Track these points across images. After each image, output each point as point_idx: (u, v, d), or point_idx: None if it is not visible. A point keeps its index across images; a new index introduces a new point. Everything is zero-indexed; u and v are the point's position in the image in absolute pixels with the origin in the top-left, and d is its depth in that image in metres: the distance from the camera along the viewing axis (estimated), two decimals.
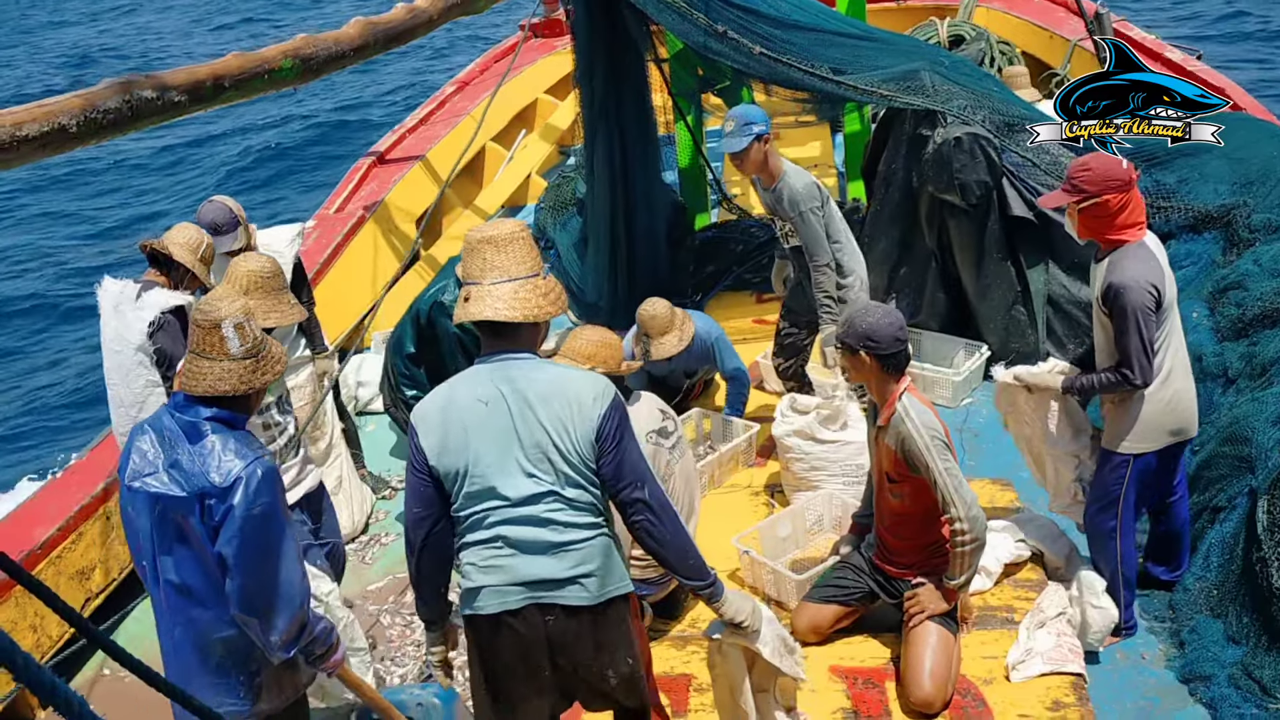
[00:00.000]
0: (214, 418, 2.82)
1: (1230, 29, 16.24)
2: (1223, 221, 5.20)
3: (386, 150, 9.14)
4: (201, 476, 2.75)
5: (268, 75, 4.24)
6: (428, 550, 2.90)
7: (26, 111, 3.09)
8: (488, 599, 2.83)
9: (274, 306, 3.87)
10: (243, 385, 2.83)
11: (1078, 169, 3.73)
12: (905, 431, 3.64)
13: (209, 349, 2.82)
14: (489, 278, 2.82)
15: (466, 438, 2.78)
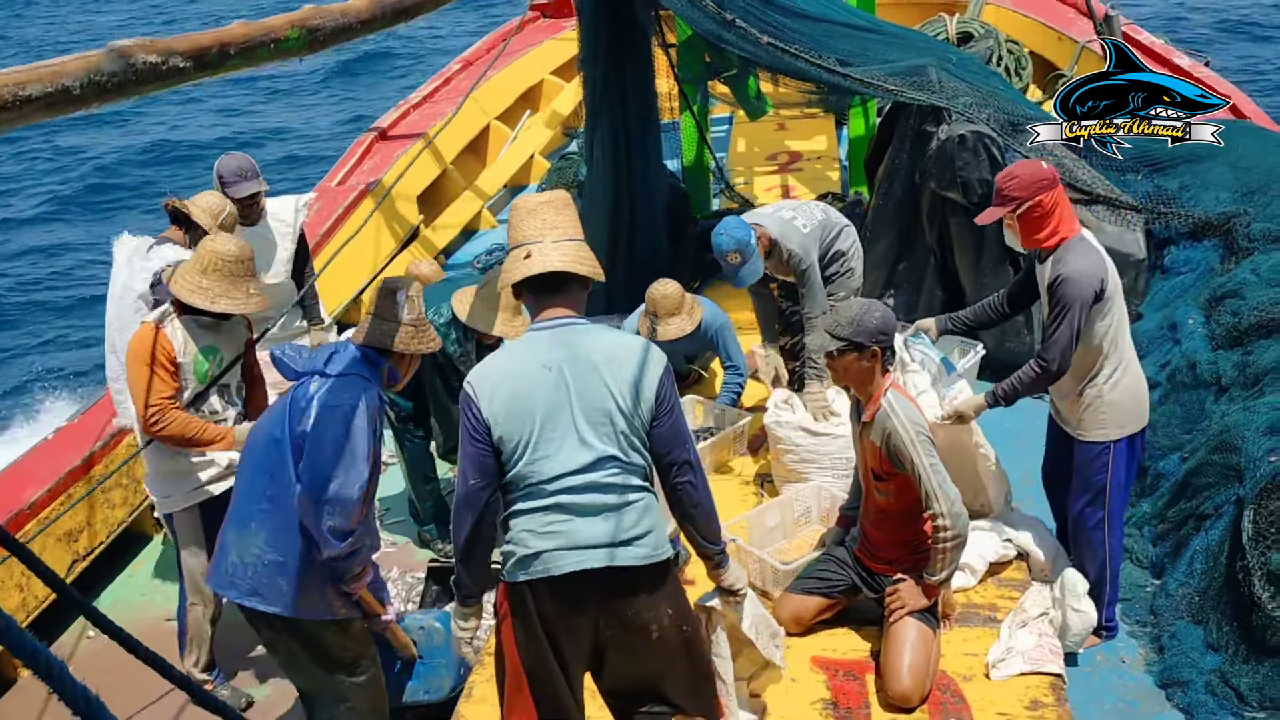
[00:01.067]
0: (361, 350, 3.30)
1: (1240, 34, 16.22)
2: (1222, 229, 5.21)
3: (389, 126, 9.12)
4: (319, 363, 3.23)
5: (274, 44, 4.18)
6: (484, 521, 2.88)
7: (30, 71, 3.07)
8: (543, 564, 2.81)
9: (227, 291, 3.78)
10: (391, 341, 3.30)
11: (1005, 180, 3.81)
12: (890, 427, 3.65)
13: (388, 314, 3.32)
14: (551, 236, 2.84)
15: (531, 404, 2.77)
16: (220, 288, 3.78)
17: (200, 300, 3.76)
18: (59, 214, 14.70)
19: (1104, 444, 3.92)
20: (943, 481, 3.60)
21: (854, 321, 3.70)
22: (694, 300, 5.40)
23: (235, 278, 3.81)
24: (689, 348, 5.61)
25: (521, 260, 2.82)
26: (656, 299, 5.28)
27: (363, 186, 7.89)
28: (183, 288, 3.77)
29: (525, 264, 2.81)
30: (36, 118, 3.23)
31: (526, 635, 2.89)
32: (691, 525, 2.99)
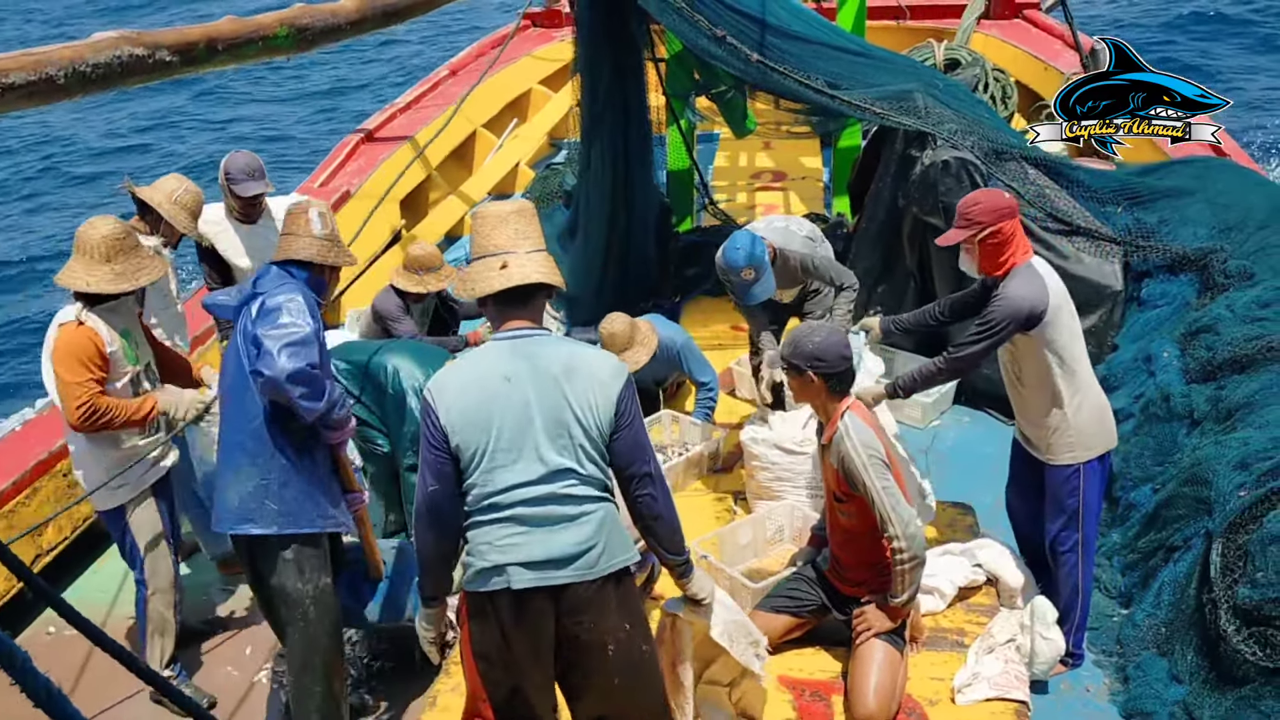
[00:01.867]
0: (282, 266, 3.50)
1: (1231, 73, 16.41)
2: (1199, 265, 5.26)
3: (376, 128, 9.10)
4: (252, 288, 3.43)
5: (262, 42, 4.20)
6: (443, 526, 2.88)
7: (13, 59, 3.05)
8: (502, 577, 2.80)
9: (139, 266, 3.86)
10: (319, 256, 3.50)
11: (968, 206, 3.86)
12: (844, 450, 3.66)
13: (298, 229, 3.50)
14: (524, 246, 2.84)
15: (489, 414, 2.77)
16: (132, 265, 3.84)
17: (127, 284, 3.80)
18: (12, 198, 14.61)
19: (1074, 466, 3.96)
20: (896, 504, 3.61)
21: (793, 343, 3.77)
22: (647, 328, 5.35)
23: (134, 249, 3.87)
24: (655, 372, 5.60)
25: (498, 270, 2.81)
26: (605, 337, 5.22)
27: (345, 189, 7.86)
28: (98, 282, 3.77)
29: (503, 274, 2.80)
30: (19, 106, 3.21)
31: (485, 647, 2.90)
32: (653, 537, 3.01)
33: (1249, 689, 3.47)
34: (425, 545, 2.93)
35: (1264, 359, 4.48)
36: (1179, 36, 16.65)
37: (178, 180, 4.75)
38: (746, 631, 3.46)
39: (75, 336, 3.76)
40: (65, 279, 3.79)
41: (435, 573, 2.99)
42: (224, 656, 4.51)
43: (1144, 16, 17.76)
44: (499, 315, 2.87)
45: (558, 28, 11.42)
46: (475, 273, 2.85)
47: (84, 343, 3.75)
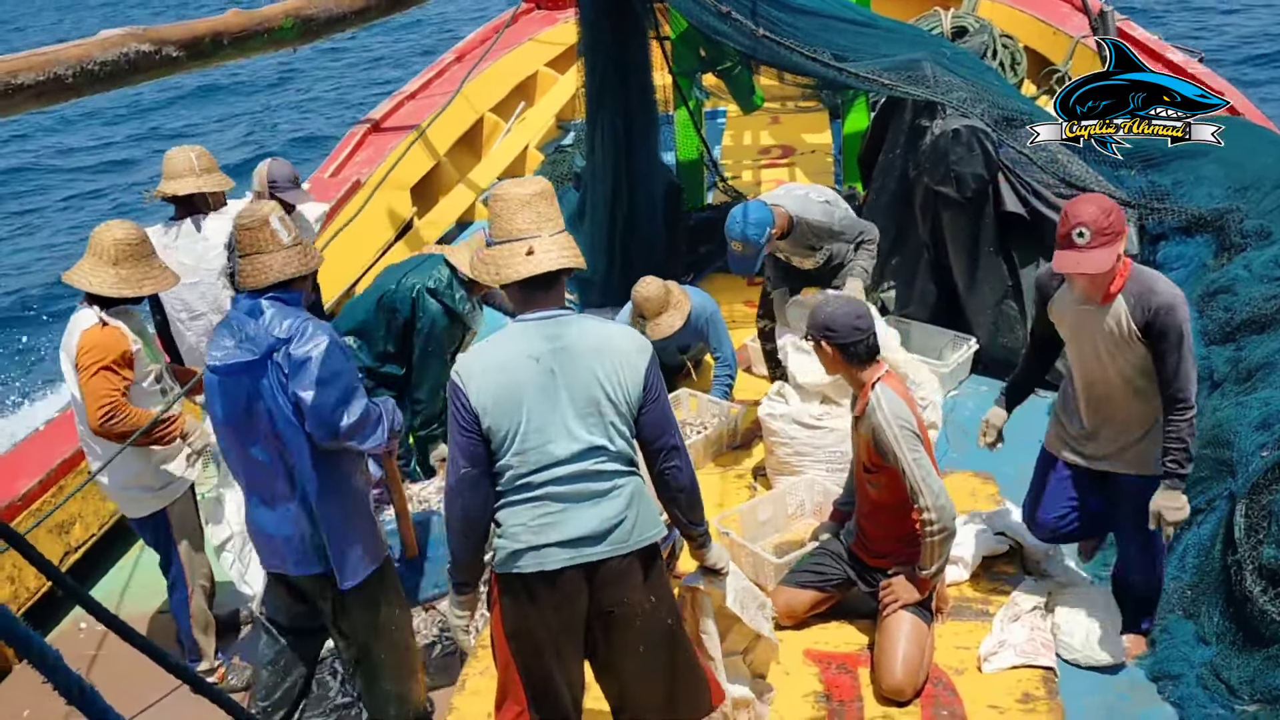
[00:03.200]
0: (273, 297, 3.17)
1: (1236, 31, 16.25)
2: (1215, 225, 5.21)
3: (383, 117, 9.09)
4: (268, 336, 3.11)
5: (267, 34, 4.21)
6: (477, 509, 2.88)
7: (23, 59, 3.06)
8: (536, 557, 2.82)
9: (147, 273, 3.84)
10: (302, 268, 3.20)
11: (1103, 215, 3.37)
12: (876, 421, 3.66)
13: (265, 245, 3.15)
14: (547, 229, 2.84)
15: (519, 395, 2.78)
16: (139, 272, 3.83)
17: (129, 289, 3.79)
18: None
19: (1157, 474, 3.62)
20: (926, 475, 3.61)
21: (810, 315, 3.81)
22: (680, 293, 5.39)
23: (146, 258, 3.87)
24: (682, 340, 5.61)
25: (523, 256, 2.80)
26: (640, 301, 5.26)
27: (355, 179, 7.86)
28: (102, 283, 3.77)
29: (529, 261, 2.80)
30: (28, 106, 3.23)
31: (519, 627, 2.91)
32: (677, 508, 3.04)
33: (1276, 648, 3.46)
34: (459, 529, 2.92)
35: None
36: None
37: (181, 154, 4.77)
38: (754, 596, 3.52)
39: (102, 338, 3.76)
40: (71, 276, 3.81)
41: (469, 557, 2.98)
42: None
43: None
44: (524, 298, 2.87)
45: (562, 9, 11.37)
46: (500, 258, 2.84)
47: (111, 344, 3.75)
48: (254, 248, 3.16)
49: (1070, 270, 3.43)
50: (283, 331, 3.13)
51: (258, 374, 3.13)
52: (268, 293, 3.18)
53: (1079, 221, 3.36)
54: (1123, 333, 3.49)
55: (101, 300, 3.80)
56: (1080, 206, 3.43)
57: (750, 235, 4.84)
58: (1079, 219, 3.37)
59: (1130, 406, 3.63)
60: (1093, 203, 3.44)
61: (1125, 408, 3.64)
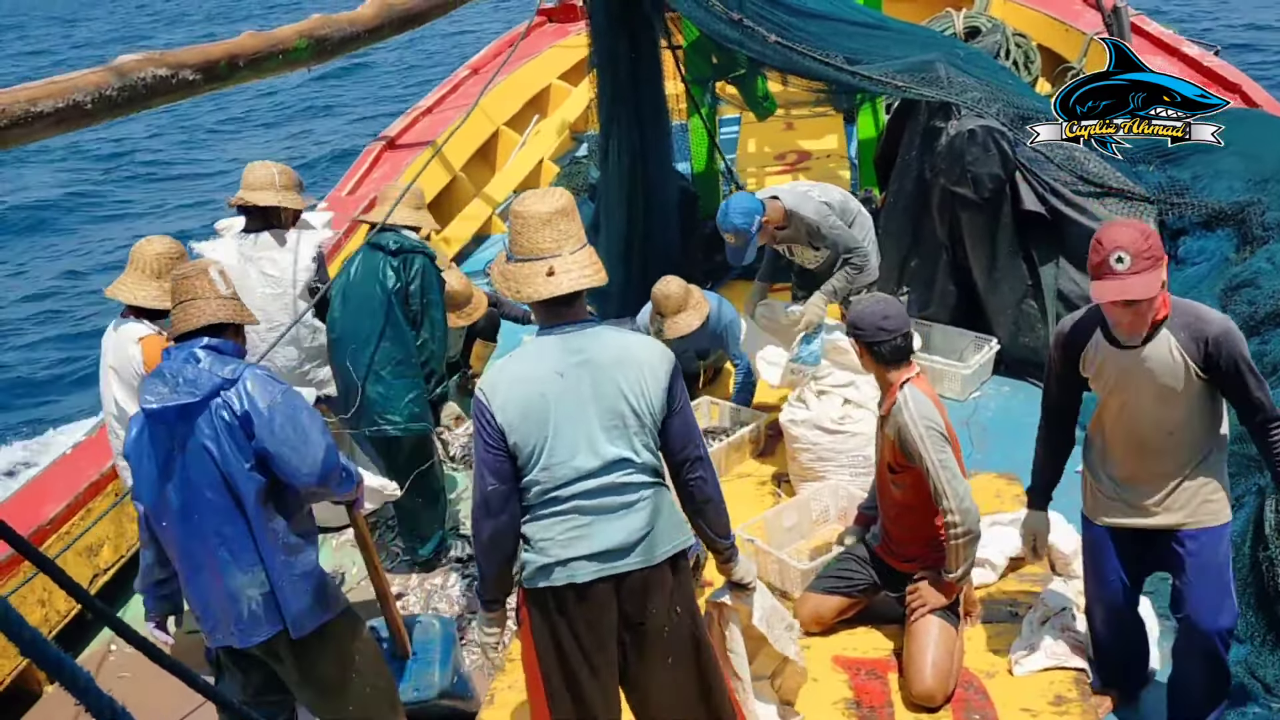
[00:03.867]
0: (208, 345, 3.09)
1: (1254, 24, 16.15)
2: (1236, 219, 5.18)
3: (398, 134, 9.14)
4: (209, 378, 3.01)
5: (282, 55, 4.24)
6: (506, 525, 2.87)
7: (42, 88, 3.10)
8: (565, 571, 2.82)
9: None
10: (235, 317, 3.15)
11: (1141, 240, 3.07)
12: (902, 421, 3.66)
13: (202, 291, 3.13)
14: (567, 247, 2.82)
15: (546, 410, 2.78)
16: None
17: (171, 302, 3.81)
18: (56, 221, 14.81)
19: (1224, 524, 3.33)
20: (951, 478, 3.60)
21: (852, 310, 3.85)
22: (699, 295, 5.41)
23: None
24: (699, 344, 5.62)
25: (544, 276, 2.79)
26: (660, 298, 5.30)
27: (373, 195, 7.90)
28: (147, 297, 3.83)
29: (550, 282, 2.79)
30: (49, 133, 3.26)
31: (550, 641, 2.90)
32: (702, 520, 3.02)
33: None
34: (488, 545, 2.91)
35: None
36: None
37: (262, 168, 4.74)
38: (781, 616, 3.49)
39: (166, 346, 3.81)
40: (115, 290, 3.87)
41: (498, 573, 2.98)
42: None
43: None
44: (546, 314, 2.87)
45: (573, 21, 11.40)
46: (521, 276, 2.82)
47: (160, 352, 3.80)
48: (190, 294, 3.13)
49: (1115, 297, 3.07)
50: (227, 374, 3.04)
51: (195, 415, 3.01)
52: (199, 339, 3.10)
53: (1117, 246, 3.04)
54: (1177, 371, 3.16)
55: (150, 313, 3.85)
56: (1115, 231, 3.10)
57: (738, 224, 4.90)
58: (1116, 243, 3.04)
59: (1179, 453, 3.29)
60: (1127, 226, 3.14)
61: (1174, 455, 3.29)
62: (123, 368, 3.87)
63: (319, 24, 4.52)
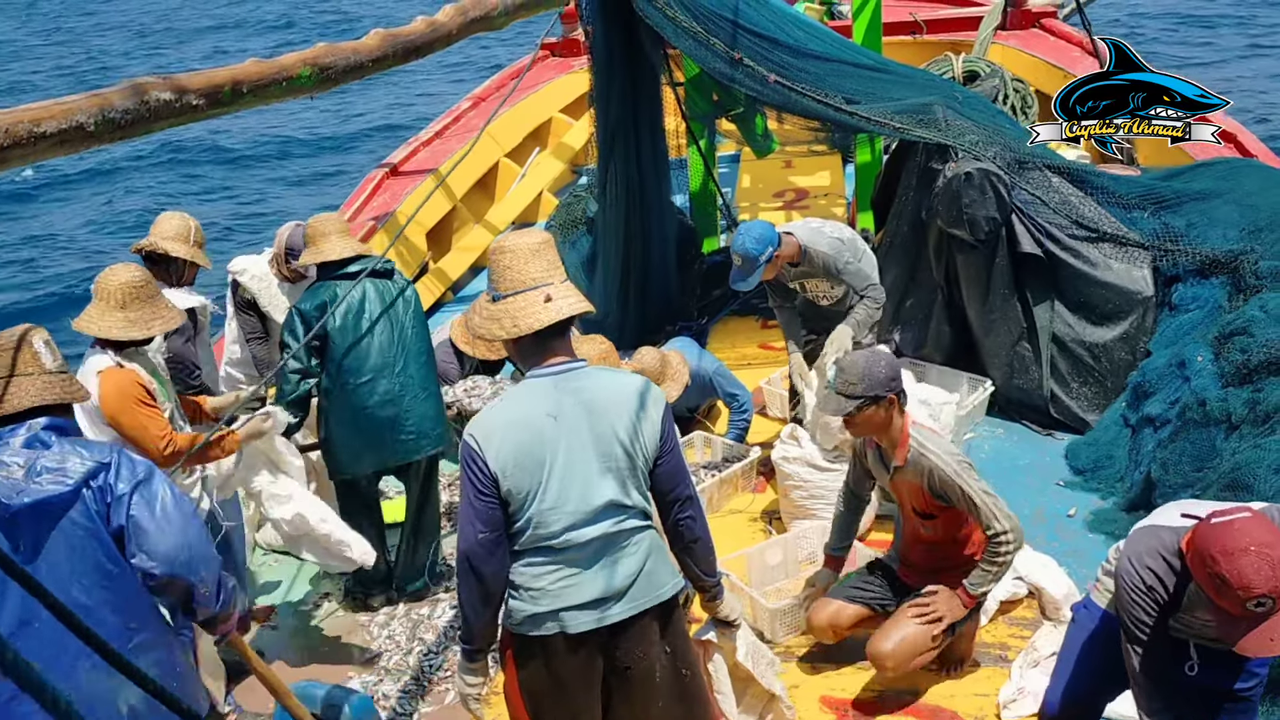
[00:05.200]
0: (49, 427, 2.72)
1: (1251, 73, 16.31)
2: (1230, 267, 5.21)
3: (400, 162, 9.19)
4: (79, 463, 2.65)
5: (286, 82, 4.25)
6: (496, 574, 2.78)
7: (44, 109, 3.11)
8: (555, 622, 2.77)
9: (155, 313, 3.83)
10: (66, 395, 2.83)
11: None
12: (929, 464, 3.63)
13: (24, 366, 2.79)
14: (558, 277, 2.79)
15: (540, 455, 2.71)
16: (147, 313, 3.82)
17: (138, 332, 3.79)
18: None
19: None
20: (995, 500, 3.60)
21: (864, 376, 3.65)
22: (677, 361, 5.37)
23: (153, 299, 3.86)
24: (689, 402, 5.61)
25: (543, 304, 2.73)
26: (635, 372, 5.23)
27: (373, 222, 7.93)
28: (111, 327, 3.77)
29: (550, 308, 2.72)
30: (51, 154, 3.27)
31: (537, 684, 2.86)
32: (690, 559, 2.99)
33: None
34: (478, 596, 2.81)
35: None
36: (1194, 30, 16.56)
37: (180, 219, 4.79)
38: (764, 653, 3.49)
39: (122, 380, 3.78)
40: (81, 324, 3.83)
41: (483, 623, 2.88)
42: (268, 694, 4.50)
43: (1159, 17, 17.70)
44: (538, 350, 2.79)
45: (576, 56, 11.50)
46: (516, 309, 2.75)
47: (131, 383, 3.77)
48: (10, 370, 2.76)
49: (1267, 654, 2.61)
50: (100, 456, 2.70)
51: (68, 504, 2.63)
52: (26, 420, 2.72)
53: (1259, 593, 2.51)
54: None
55: (114, 344, 3.84)
56: (1249, 570, 2.51)
57: (750, 248, 4.84)
58: (1254, 588, 2.50)
59: None
60: (1264, 562, 2.52)
61: None
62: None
63: (323, 52, 4.54)
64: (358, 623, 4.80)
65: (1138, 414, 5.16)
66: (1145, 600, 2.85)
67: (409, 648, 4.56)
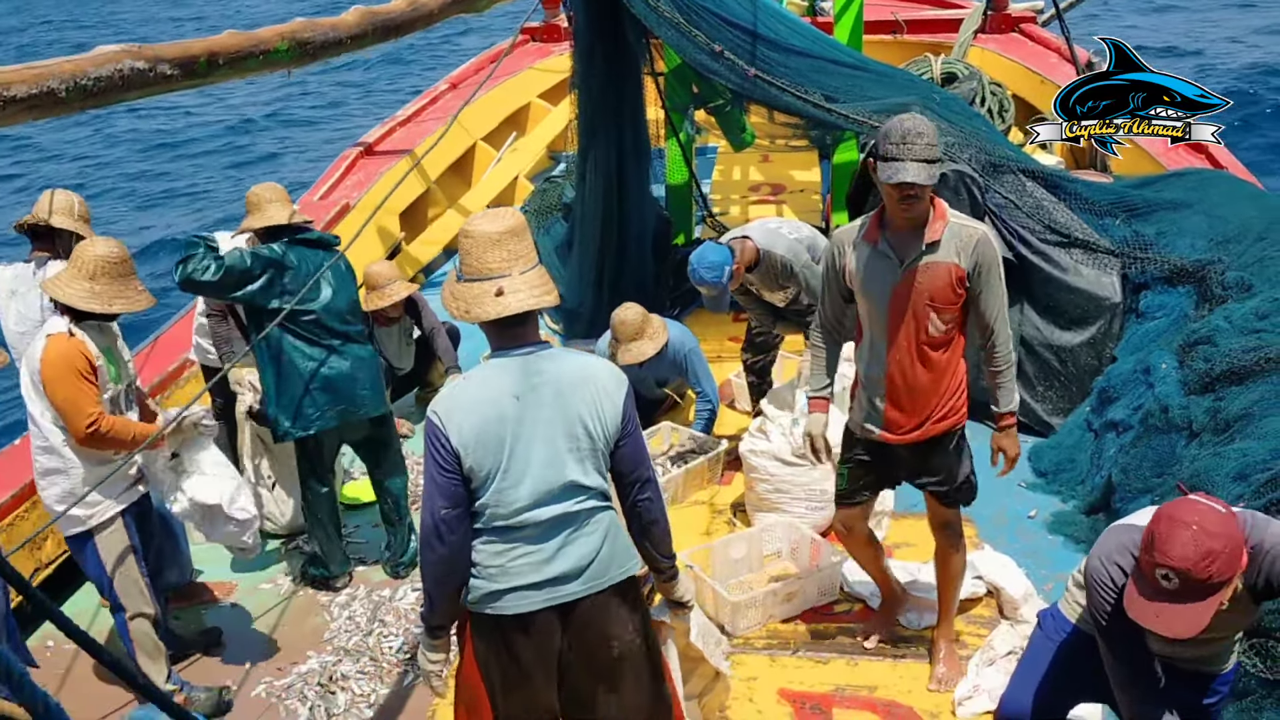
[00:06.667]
0: None
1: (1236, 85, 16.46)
2: (1197, 276, 5.27)
3: (375, 142, 9.12)
4: None
5: (263, 55, 4.21)
6: (458, 550, 2.80)
7: (15, 72, 3.06)
8: (511, 599, 2.79)
9: (121, 292, 3.81)
10: None
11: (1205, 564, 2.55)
12: (975, 234, 3.46)
13: None
14: (517, 268, 2.78)
15: (502, 433, 2.73)
16: (113, 290, 3.79)
17: (97, 305, 3.75)
18: None
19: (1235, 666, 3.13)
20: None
21: (933, 132, 3.32)
22: (659, 324, 5.41)
23: (124, 277, 3.83)
24: (658, 372, 5.63)
25: (492, 297, 2.75)
26: (617, 324, 5.31)
27: (345, 201, 7.87)
28: (73, 295, 3.74)
29: (498, 303, 2.75)
30: (20, 119, 3.22)
31: (492, 662, 2.88)
32: (648, 540, 3.02)
33: (1249, 701, 3.45)
34: (440, 572, 2.83)
35: (1262, 370, 4.48)
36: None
37: (64, 195, 4.73)
38: (712, 633, 3.53)
39: (67, 348, 3.73)
40: (48, 285, 3.80)
41: (446, 600, 2.89)
42: (224, 672, 4.49)
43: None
44: (499, 334, 2.83)
45: (556, 42, 11.46)
46: (470, 297, 2.79)
47: (76, 354, 3.71)
48: None
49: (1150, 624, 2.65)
50: None
51: None
52: None
53: (1169, 563, 2.54)
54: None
55: (75, 312, 3.78)
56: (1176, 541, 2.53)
57: (707, 279, 4.90)
58: (1170, 558, 2.53)
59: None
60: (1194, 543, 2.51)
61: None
62: (30, 359, 3.82)
63: (301, 27, 4.50)
64: (318, 603, 4.78)
65: (1101, 419, 5.21)
66: (1114, 596, 2.87)
67: (369, 629, 4.55)
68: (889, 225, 3.53)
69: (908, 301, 3.56)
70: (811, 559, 4.59)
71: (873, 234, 3.57)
